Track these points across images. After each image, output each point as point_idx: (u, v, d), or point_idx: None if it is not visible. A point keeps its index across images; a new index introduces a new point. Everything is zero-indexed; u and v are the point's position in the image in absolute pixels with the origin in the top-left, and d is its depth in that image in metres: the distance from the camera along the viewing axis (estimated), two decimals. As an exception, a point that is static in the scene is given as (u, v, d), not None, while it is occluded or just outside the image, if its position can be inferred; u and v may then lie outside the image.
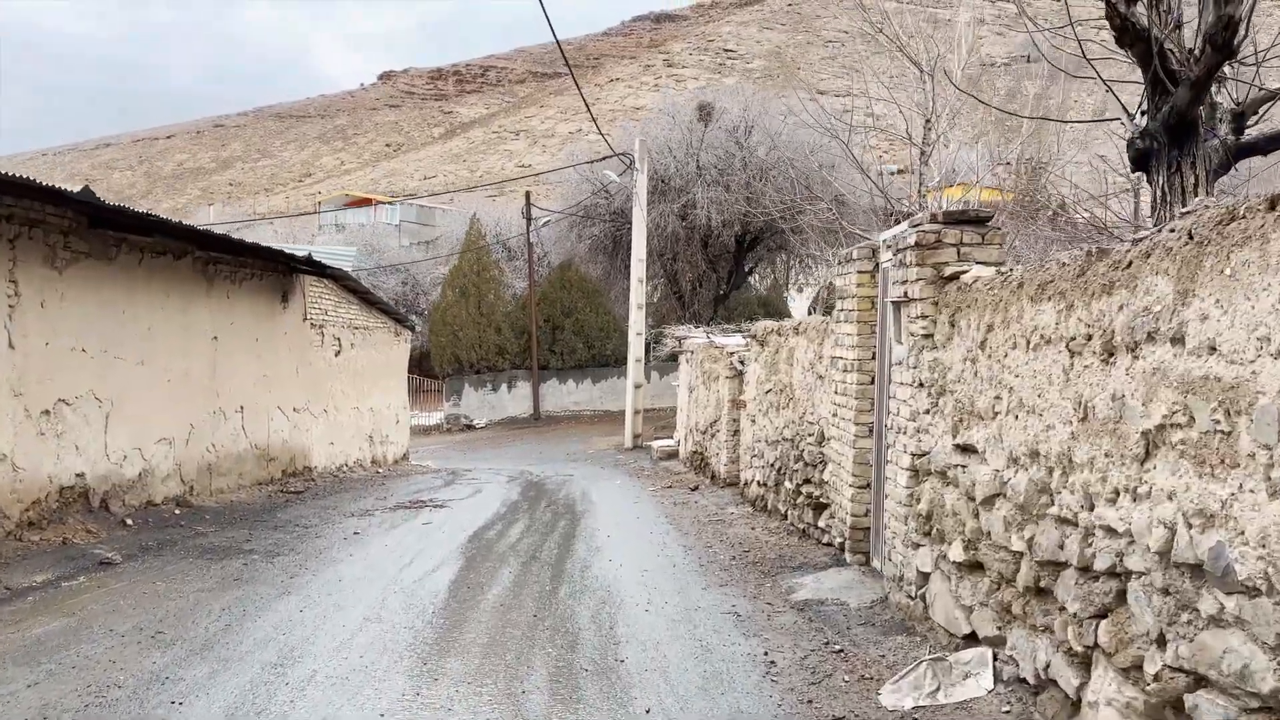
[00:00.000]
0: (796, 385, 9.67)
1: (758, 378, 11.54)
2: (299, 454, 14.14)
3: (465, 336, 30.29)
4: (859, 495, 7.40)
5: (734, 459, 13.45)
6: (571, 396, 31.19)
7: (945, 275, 5.55)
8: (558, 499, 13.24)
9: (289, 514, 10.92)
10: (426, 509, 11.70)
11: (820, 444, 8.61)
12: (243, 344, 12.21)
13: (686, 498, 13.18)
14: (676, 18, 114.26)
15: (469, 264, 30.81)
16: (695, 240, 30.05)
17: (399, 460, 19.24)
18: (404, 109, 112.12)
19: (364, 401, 17.14)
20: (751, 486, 11.58)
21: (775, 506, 10.28)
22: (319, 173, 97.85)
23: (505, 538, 9.56)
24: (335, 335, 15.68)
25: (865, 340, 7.35)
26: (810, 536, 8.82)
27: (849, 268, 7.63)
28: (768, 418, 10.91)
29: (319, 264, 13.54)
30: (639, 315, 23.55)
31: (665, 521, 10.82)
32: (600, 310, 30.88)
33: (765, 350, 11.28)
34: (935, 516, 5.37)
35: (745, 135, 29.43)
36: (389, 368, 18.72)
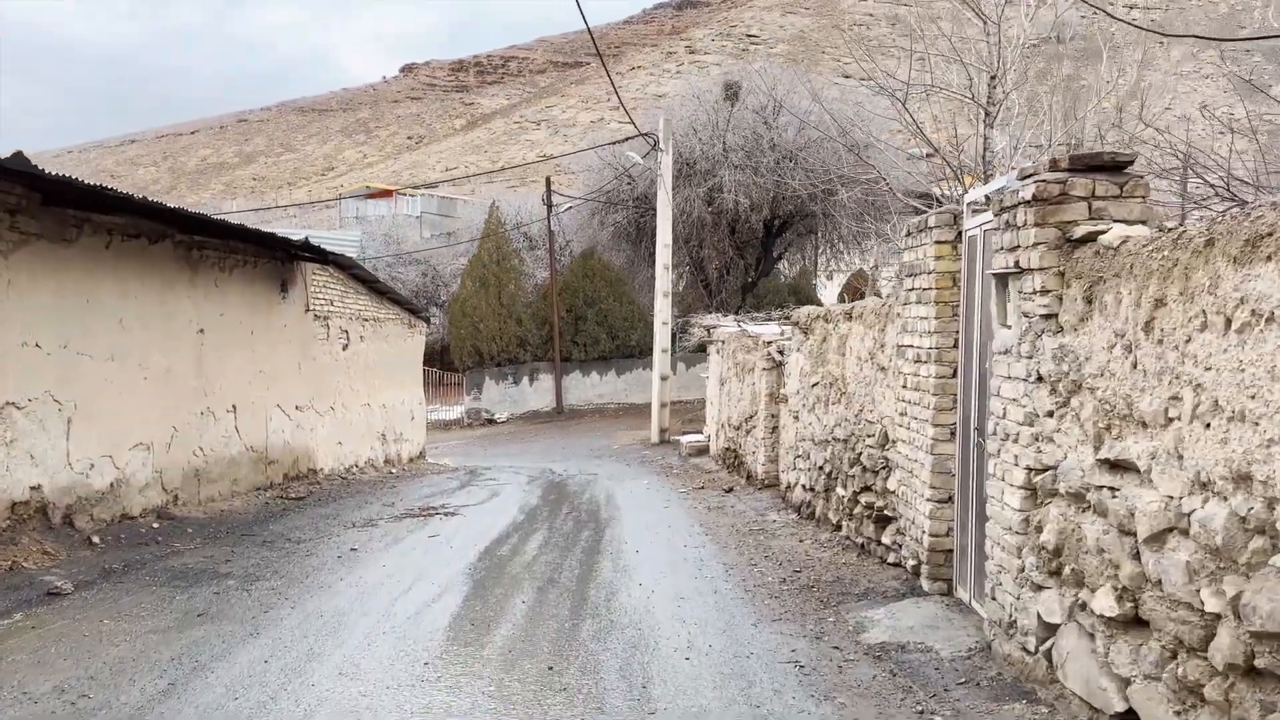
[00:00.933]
0: (850, 378, 8.39)
1: (801, 369, 10.27)
2: (302, 455, 13.02)
3: (485, 328, 29.14)
4: (939, 511, 6.12)
5: (772, 459, 12.20)
6: (595, 389, 30.00)
7: (1074, 238, 4.26)
8: (580, 503, 12.05)
9: (283, 525, 9.78)
10: (436, 517, 10.53)
11: (883, 447, 7.34)
12: (235, 337, 11.07)
13: (721, 501, 11.95)
14: (699, 4, 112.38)
15: (489, 253, 29.63)
16: (722, 226, 28.73)
17: (414, 459, 18.12)
18: (425, 101, 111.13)
19: (375, 398, 16.01)
20: (795, 491, 10.32)
21: (825, 515, 9.02)
22: (341, 166, 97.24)
23: (521, 554, 8.36)
24: (342, 327, 14.54)
25: (945, 324, 6.07)
26: (871, 554, 7.56)
27: (923, 238, 6.34)
28: (814, 414, 9.64)
29: (319, 250, 12.39)
30: (665, 304, 22.30)
31: (700, 532, 9.59)
32: (624, 299, 29.62)
33: (809, 339, 10.01)
34: (1068, 552, 4.10)
35: (773, 115, 28.05)
36: (402, 361, 17.59)
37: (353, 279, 14.95)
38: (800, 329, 10.36)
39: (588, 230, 30.61)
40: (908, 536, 6.71)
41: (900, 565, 6.91)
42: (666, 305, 22.37)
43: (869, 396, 7.76)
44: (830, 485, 8.91)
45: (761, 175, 27.23)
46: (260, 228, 12.77)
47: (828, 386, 9.10)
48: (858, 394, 8.11)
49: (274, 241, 11.32)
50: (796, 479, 10.32)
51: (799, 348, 10.45)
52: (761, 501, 11.53)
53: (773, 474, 12.17)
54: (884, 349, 7.38)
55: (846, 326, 8.66)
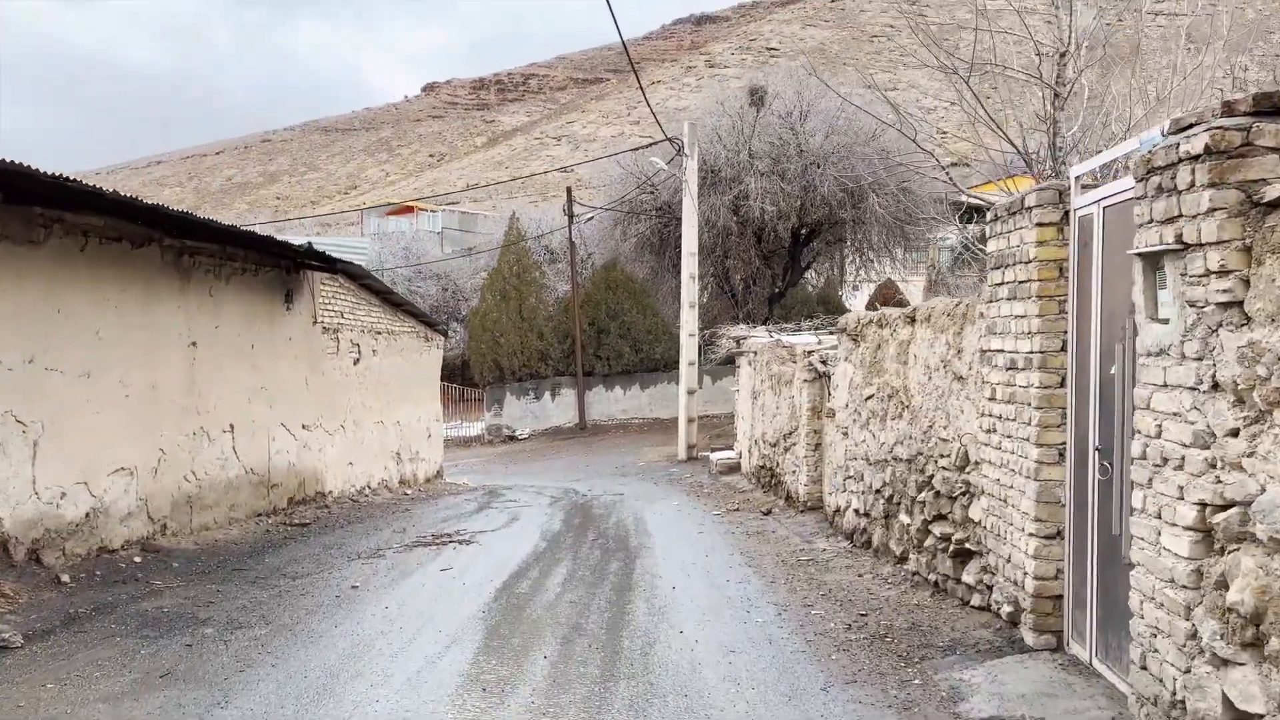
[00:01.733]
0: (914, 390, 7.33)
1: (851, 381, 9.20)
2: (309, 478, 12.07)
3: (506, 342, 28.21)
4: (1046, 548, 5.04)
5: (816, 478, 11.11)
6: (619, 404, 28.98)
7: (1265, 200, 3.20)
8: (607, 528, 11.01)
9: (281, 557, 8.81)
10: (450, 546, 9.52)
11: (962, 469, 6.26)
12: (233, 351, 10.14)
13: (760, 525, 10.87)
14: (718, 19, 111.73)
15: (508, 266, 28.72)
16: (748, 235, 27.70)
17: (431, 479, 17.15)
18: (447, 119, 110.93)
19: (389, 415, 15.06)
20: (846, 515, 9.23)
21: (885, 545, 7.94)
22: (364, 184, 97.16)
23: (542, 591, 7.33)
24: (353, 341, 13.61)
25: (1050, 324, 5.01)
26: (949, 594, 6.47)
27: (1017, 222, 5.29)
28: (868, 431, 8.57)
29: (326, 257, 11.46)
30: (691, 315, 21.27)
31: (741, 562, 8.53)
32: (648, 311, 28.61)
33: (860, 347, 8.95)
34: (1273, 619, 3.02)
35: (800, 121, 27.03)
36: (418, 376, 16.65)
37: (364, 290, 14.03)
38: (850, 336, 9.30)
39: (610, 241, 29.64)
40: (1000, 576, 5.62)
41: (989, 610, 5.82)
42: (693, 317, 21.35)
43: (941, 411, 6.69)
44: (891, 511, 7.82)
45: (789, 182, 26.21)
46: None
47: (885, 399, 8.03)
48: (925, 408, 7.04)
49: (275, 247, 10.41)
50: (847, 502, 9.23)
51: (848, 357, 9.39)
52: (805, 526, 10.45)
53: (816, 495, 11.09)
54: (961, 355, 6.31)
55: (908, 331, 7.60)
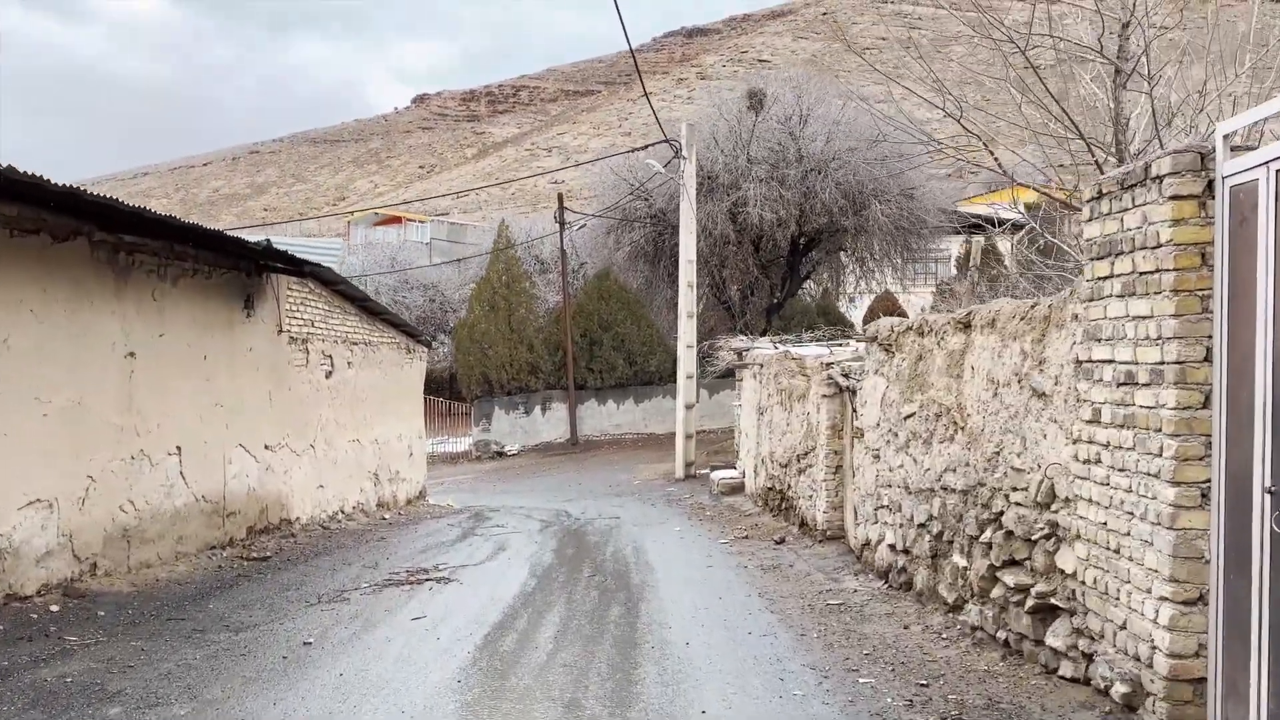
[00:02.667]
0: (972, 408, 6.16)
1: (884, 397, 8.04)
2: (273, 504, 10.82)
3: (495, 354, 26.98)
4: (1184, 617, 3.87)
5: (836, 505, 9.93)
6: (612, 419, 27.76)
7: None
8: (604, 560, 9.80)
9: (230, 600, 7.57)
10: (426, 585, 8.30)
11: (1046, 507, 5.10)
12: (181, 363, 8.92)
13: (775, 557, 9.68)
14: (709, 31, 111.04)
15: (497, 275, 27.52)
16: (745, 244, 26.61)
17: (413, 500, 15.90)
18: (437, 131, 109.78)
19: (366, 432, 13.83)
20: (878, 551, 8.04)
21: (933, 588, 6.76)
22: (353, 195, 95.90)
23: (530, 648, 6.12)
24: (325, 352, 12.39)
25: (1192, 326, 3.85)
26: (1027, 657, 5.29)
27: (1137, 195, 4.14)
28: (907, 454, 7.40)
29: (291, 258, 10.25)
30: (689, 325, 20.11)
31: (762, 606, 7.33)
32: (642, 322, 27.44)
33: (896, 358, 7.79)
34: None
35: (800, 125, 25.99)
36: (399, 391, 15.43)
37: (338, 296, 12.82)
38: (881, 346, 8.14)
39: (602, 250, 28.49)
40: (1107, 645, 4.44)
41: (1089, 684, 4.64)
42: (691, 327, 20.19)
43: (1013, 434, 5.53)
44: (940, 550, 6.65)
45: (788, 188, 25.13)
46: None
47: (931, 419, 6.87)
48: (989, 430, 5.87)
49: (230, 246, 9.19)
50: (879, 535, 8.05)
51: (879, 369, 8.22)
52: (827, 560, 9.26)
53: (837, 524, 9.91)
54: (1044, 367, 5.15)
55: (960, 340, 6.45)
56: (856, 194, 25.44)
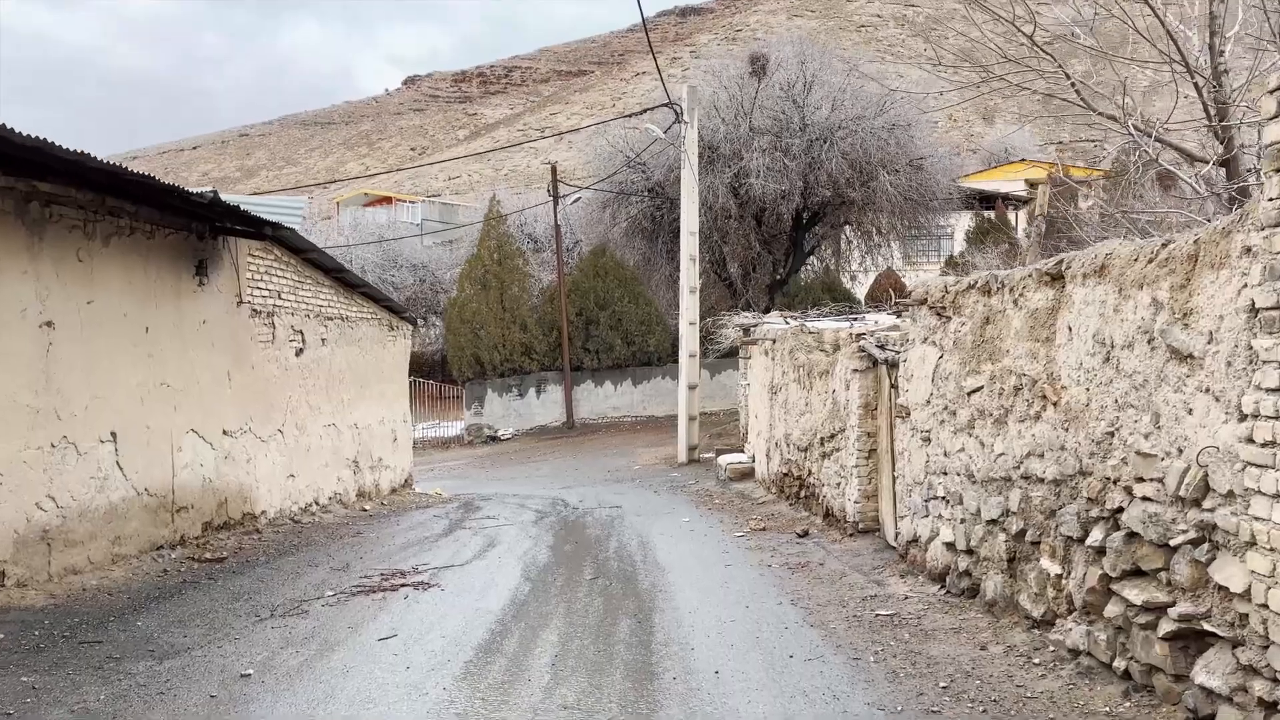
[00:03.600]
0: (1068, 378, 4.93)
1: (937, 369, 6.80)
2: (233, 497, 9.57)
3: (487, 335, 25.68)
4: None
5: (870, 494, 8.71)
6: (610, 401, 26.51)
7: None
8: (607, 558, 8.58)
9: (165, 615, 6.33)
10: (401, 593, 7.07)
11: (1196, 504, 3.87)
12: (116, 336, 7.65)
13: (801, 553, 8.47)
14: (702, 11, 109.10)
15: (489, 253, 26.18)
16: (747, 218, 25.28)
17: (398, 489, 14.65)
18: (428, 112, 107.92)
19: (344, 416, 12.57)
20: (930, 549, 6.82)
21: (1010, 598, 5.55)
22: (344, 178, 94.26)
23: (522, 681, 4.89)
24: (295, 327, 11.11)
25: None
26: (1168, 697, 4.07)
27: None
28: (971, 436, 6.17)
29: (251, 218, 8.95)
30: (692, 301, 18.85)
31: (799, 618, 6.12)
32: (640, 300, 26.14)
33: (953, 323, 6.55)
34: None
35: (804, 93, 24.64)
36: (381, 371, 14.16)
37: (309, 265, 11.53)
38: (933, 310, 6.88)
39: (598, 226, 27.16)
40: (1313, 698, 3.22)
41: (1274, 746, 3.42)
42: (694, 303, 18.92)
43: (1137, 409, 4.29)
44: (1021, 552, 5.43)
45: (793, 158, 23.81)
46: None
47: (1008, 393, 5.63)
48: (1096, 405, 4.64)
49: (175, 200, 7.88)
50: (931, 531, 6.83)
51: (929, 338, 6.97)
52: (861, 557, 8.05)
53: (871, 515, 8.69)
54: (1190, 320, 3.91)
55: (1048, 295, 5.20)
56: (864, 164, 24.16)
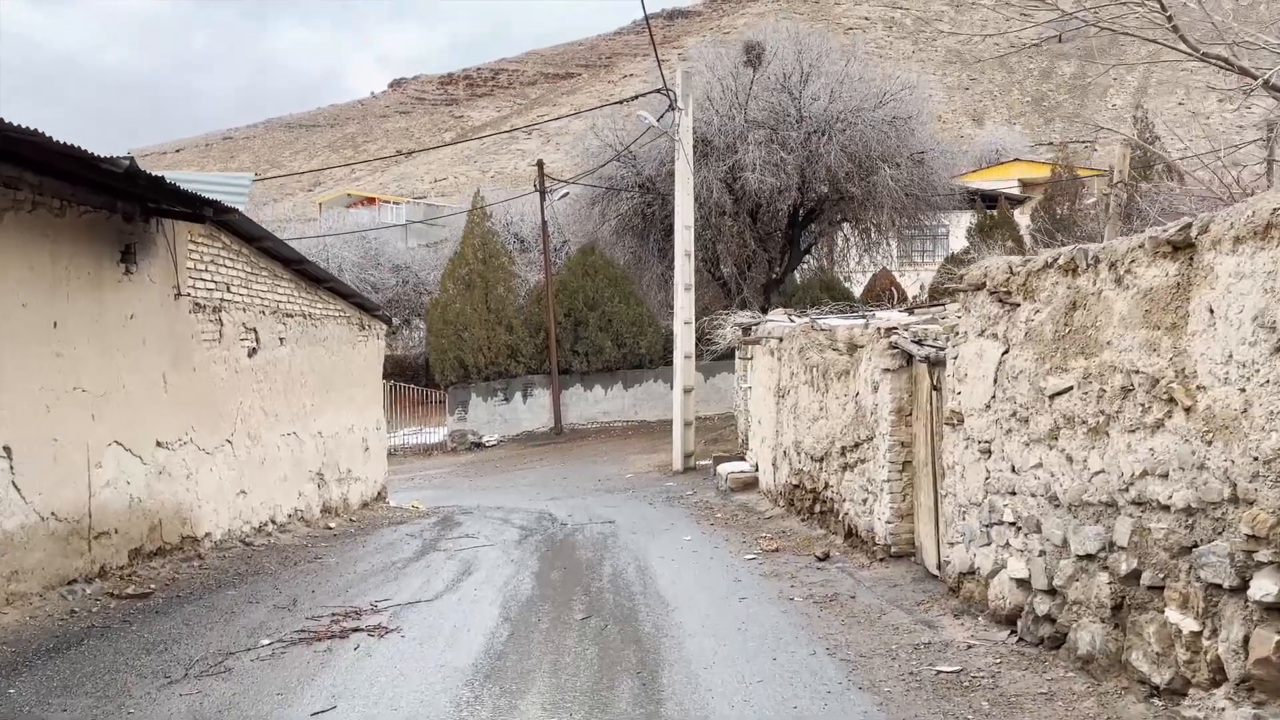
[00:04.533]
0: (1208, 376, 3.71)
1: (1000, 368, 5.57)
2: (170, 518, 8.27)
3: (471, 337, 24.37)
4: None
5: (905, 511, 7.48)
6: (600, 405, 25.24)
7: None
8: (601, 589, 7.33)
9: (47, 678, 5.04)
10: (353, 641, 5.80)
11: None
12: (12, 332, 6.35)
13: (826, 582, 7.24)
14: (690, 13, 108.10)
15: (473, 251, 24.89)
16: (742, 214, 24.09)
17: (370, 503, 13.36)
18: (414, 115, 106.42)
19: (306, 424, 11.28)
20: (995, 584, 5.59)
21: (1117, 657, 4.32)
22: (329, 181, 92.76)
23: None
24: (247, 324, 9.82)
25: None
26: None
27: None
28: (1053, 449, 4.95)
29: (188, 196, 7.66)
30: (687, 299, 17.62)
31: (842, 677, 4.88)
32: (631, 300, 24.89)
33: (1023, 310, 5.32)
34: None
35: (801, 84, 23.45)
36: (351, 373, 12.87)
37: (265, 256, 10.24)
38: (994, 296, 5.66)
39: (587, 224, 25.91)
40: None
41: None
42: (689, 301, 17.69)
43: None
44: (1135, 600, 4.20)
45: (790, 151, 22.62)
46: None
47: (1113, 396, 4.40)
48: (1259, 411, 3.42)
49: (89, 170, 6.57)
50: (996, 562, 5.60)
51: (988, 329, 5.75)
52: (900, 589, 6.82)
53: (905, 537, 7.46)
54: None
55: (1171, 270, 3.97)
56: (863, 158, 23.01)
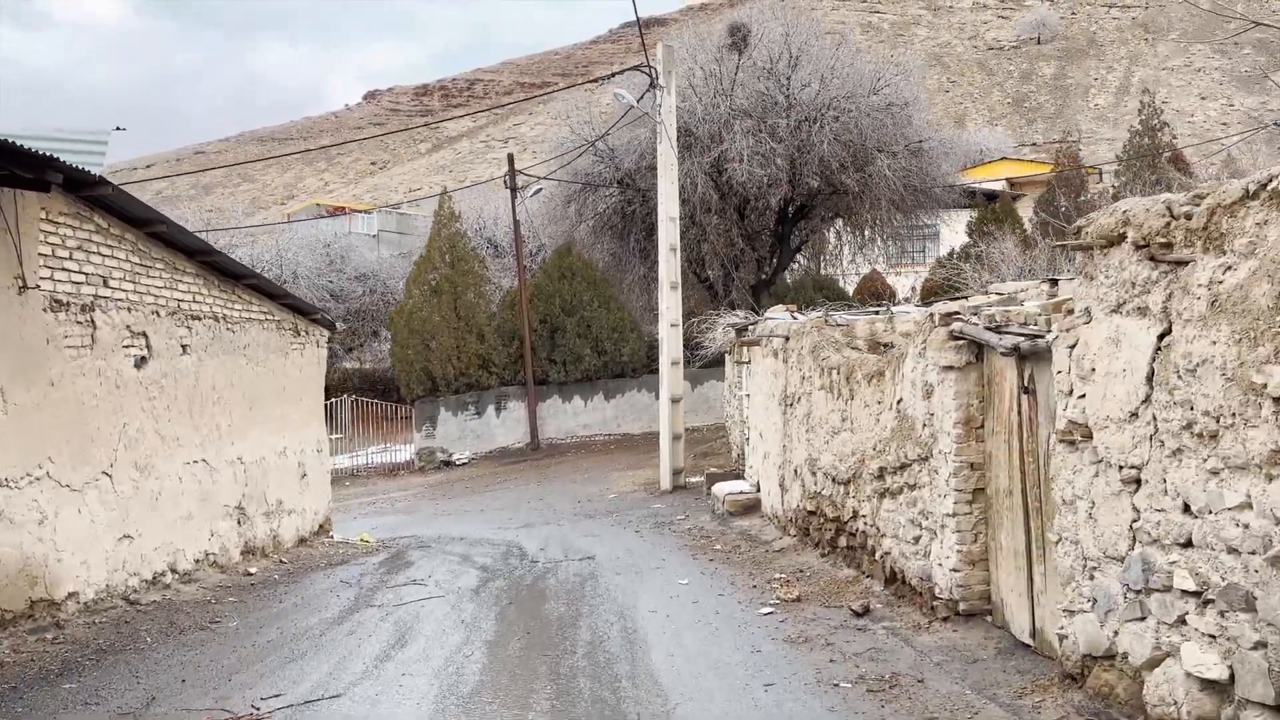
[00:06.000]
0: None
1: (1164, 357, 3.70)
2: (13, 577, 6.27)
3: (439, 346, 22.35)
4: None
5: (976, 556, 5.59)
6: (579, 418, 23.27)
7: None
8: (574, 668, 5.39)
9: None
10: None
11: None
12: None
13: (874, 653, 5.35)
14: (666, 21, 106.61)
15: (440, 254, 22.90)
16: (729, 210, 22.27)
17: (308, 538, 11.34)
18: (389, 126, 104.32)
19: (221, 449, 9.27)
20: (1158, 679, 3.69)
21: None
22: (302, 194, 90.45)
23: None
24: (133, 327, 7.83)
25: None
26: None
27: None
28: (1276, 480, 3.07)
29: (28, 155, 5.68)
30: (674, 298, 15.71)
31: None
32: (611, 305, 22.96)
33: (1207, 269, 3.46)
34: None
35: (790, 68, 21.68)
36: (284, 387, 10.88)
37: (159, 244, 8.25)
38: (1143, 251, 3.78)
39: (562, 224, 24.01)
40: None
41: None
42: (676, 301, 15.78)
43: None
44: None
45: (779, 140, 20.83)
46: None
47: None
48: None
49: None
50: (1153, 645, 3.70)
51: (1134, 302, 3.87)
52: (982, 665, 4.94)
53: (979, 589, 5.58)
54: None
55: None
56: (859, 147, 21.26)
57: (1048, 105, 69.62)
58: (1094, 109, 66.22)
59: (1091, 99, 68.47)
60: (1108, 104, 65.67)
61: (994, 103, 71.55)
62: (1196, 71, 71.14)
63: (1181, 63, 72.18)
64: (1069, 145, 27.36)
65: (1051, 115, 66.21)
